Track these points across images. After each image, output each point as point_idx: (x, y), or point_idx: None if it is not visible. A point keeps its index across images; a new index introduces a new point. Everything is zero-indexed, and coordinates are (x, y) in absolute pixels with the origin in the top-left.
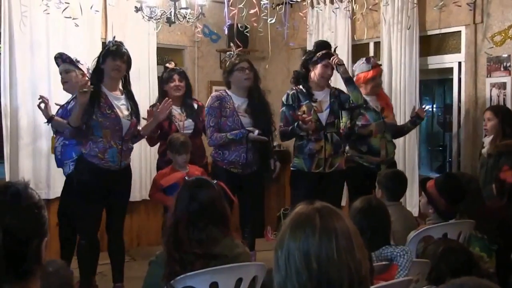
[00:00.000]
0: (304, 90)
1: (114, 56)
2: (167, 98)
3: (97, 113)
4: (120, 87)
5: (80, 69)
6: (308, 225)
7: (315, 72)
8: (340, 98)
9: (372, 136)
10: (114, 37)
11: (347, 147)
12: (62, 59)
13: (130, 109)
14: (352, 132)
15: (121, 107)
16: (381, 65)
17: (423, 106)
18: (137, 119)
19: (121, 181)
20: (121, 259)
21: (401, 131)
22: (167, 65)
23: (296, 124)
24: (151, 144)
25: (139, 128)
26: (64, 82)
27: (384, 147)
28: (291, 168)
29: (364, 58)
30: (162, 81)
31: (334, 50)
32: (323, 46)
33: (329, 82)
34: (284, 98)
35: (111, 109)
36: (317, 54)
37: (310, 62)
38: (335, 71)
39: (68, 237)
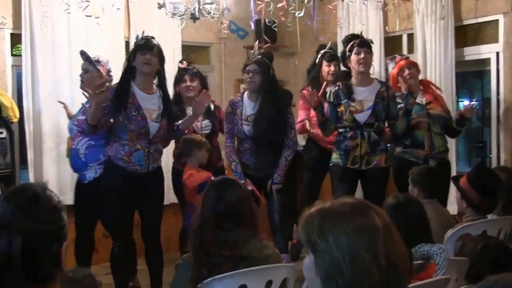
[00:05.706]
0: (346, 88)
1: (143, 49)
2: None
3: (122, 114)
4: (155, 85)
5: (98, 70)
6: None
7: (353, 65)
8: (389, 108)
9: (416, 128)
10: (143, 32)
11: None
12: (85, 57)
13: (161, 110)
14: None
15: (150, 108)
16: (407, 57)
17: (471, 104)
18: (169, 119)
19: (151, 185)
20: (159, 266)
21: (451, 130)
22: (179, 64)
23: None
24: (165, 145)
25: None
26: (81, 80)
27: (429, 140)
28: (330, 164)
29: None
30: (175, 82)
31: (361, 35)
32: (350, 39)
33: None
34: (326, 96)
35: (137, 110)
36: (346, 49)
37: (345, 60)
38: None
39: (86, 249)
